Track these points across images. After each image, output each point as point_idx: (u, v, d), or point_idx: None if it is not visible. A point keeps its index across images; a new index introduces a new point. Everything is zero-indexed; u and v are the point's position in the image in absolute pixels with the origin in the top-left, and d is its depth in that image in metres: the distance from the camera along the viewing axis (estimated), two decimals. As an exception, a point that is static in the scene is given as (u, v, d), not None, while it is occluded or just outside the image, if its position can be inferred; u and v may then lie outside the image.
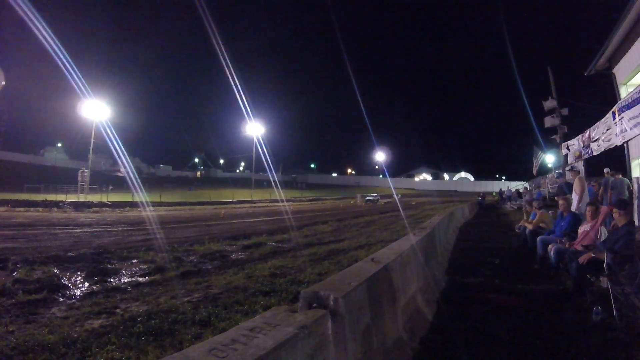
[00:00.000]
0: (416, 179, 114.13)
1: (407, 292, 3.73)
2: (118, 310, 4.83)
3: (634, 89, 10.04)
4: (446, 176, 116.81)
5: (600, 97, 15.45)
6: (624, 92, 12.07)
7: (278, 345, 1.45)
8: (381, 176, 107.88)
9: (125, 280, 6.57)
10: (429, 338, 3.57)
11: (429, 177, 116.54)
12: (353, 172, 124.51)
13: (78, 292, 5.71)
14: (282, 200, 36.97)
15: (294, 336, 1.57)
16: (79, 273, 6.88)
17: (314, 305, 2.13)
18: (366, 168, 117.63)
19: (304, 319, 1.79)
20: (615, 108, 11.13)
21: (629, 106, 10.06)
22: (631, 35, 11.43)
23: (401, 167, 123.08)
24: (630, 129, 10.09)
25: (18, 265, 7.20)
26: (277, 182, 55.19)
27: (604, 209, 5.99)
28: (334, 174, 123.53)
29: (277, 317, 1.79)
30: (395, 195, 52.13)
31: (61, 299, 5.34)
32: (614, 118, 11.21)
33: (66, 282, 6.21)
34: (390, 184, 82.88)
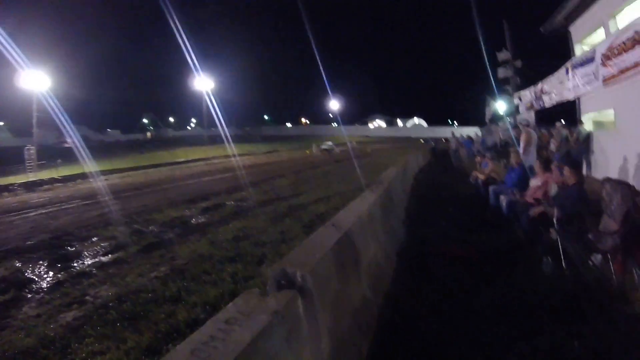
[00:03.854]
0: (370, 126, 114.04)
1: (368, 252, 3.86)
2: (88, 298, 4.78)
3: (589, 49, 10.23)
4: (400, 122, 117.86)
5: (555, 53, 15.89)
6: (579, 50, 12.33)
7: (255, 337, 1.53)
8: (335, 124, 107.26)
9: (89, 263, 6.40)
10: (392, 293, 3.77)
11: (383, 124, 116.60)
12: (307, 122, 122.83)
13: (45, 284, 5.50)
14: (237, 155, 35.95)
15: (268, 324, 1.65)
16: (41, 262, 6.57)
17: (283, 282, 2.22)
18: (320, 117, 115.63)
19: (275, 303, 1.86)
20: (568, 64, 11.43)
21: (582, 64, 10.34)
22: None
23: (355, 114, 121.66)
24: (583, 85, 10.46)
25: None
26: (230, 137, 53.82)
27: (555, 171, 5.79)
28: (288, 124, 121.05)
29: (249, 304, 1.84)
30: (348, 143, 52.37)
31: (29, 295, 5.13)
32: (567, 73, 11.57)
33: (31, 276, 5.93)
34: (344, 132, 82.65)
